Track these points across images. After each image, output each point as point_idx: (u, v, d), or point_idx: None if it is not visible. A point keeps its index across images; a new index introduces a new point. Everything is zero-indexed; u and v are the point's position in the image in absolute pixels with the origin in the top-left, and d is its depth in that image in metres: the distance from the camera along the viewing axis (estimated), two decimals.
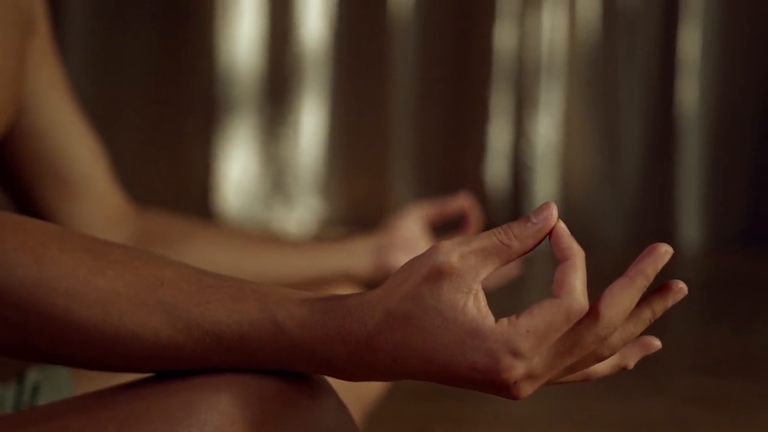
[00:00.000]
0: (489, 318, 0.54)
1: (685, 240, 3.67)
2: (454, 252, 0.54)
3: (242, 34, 3.66)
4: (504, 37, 3.66)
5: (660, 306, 0.57)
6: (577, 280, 0.53)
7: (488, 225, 1.11)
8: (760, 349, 2.18)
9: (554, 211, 0.55)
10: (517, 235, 0.55)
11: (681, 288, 0.57)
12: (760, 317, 2.57)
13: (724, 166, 3.70)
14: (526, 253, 0.55)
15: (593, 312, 0.54)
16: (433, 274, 0.54)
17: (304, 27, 3.66)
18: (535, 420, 1.60)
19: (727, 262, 3.49)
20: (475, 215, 1.11)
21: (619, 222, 3.71)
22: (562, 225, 0.55)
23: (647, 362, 0.69)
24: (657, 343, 0.61)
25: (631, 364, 0.61)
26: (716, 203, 3.70)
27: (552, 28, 3.66)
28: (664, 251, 0.55)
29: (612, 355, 0.57)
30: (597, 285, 0.57)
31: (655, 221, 3.71)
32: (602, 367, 0.60)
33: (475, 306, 0.54)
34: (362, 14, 3.70)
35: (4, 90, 0.80)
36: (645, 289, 0.55)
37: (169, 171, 3.68)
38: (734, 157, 3.70)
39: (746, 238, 3.70)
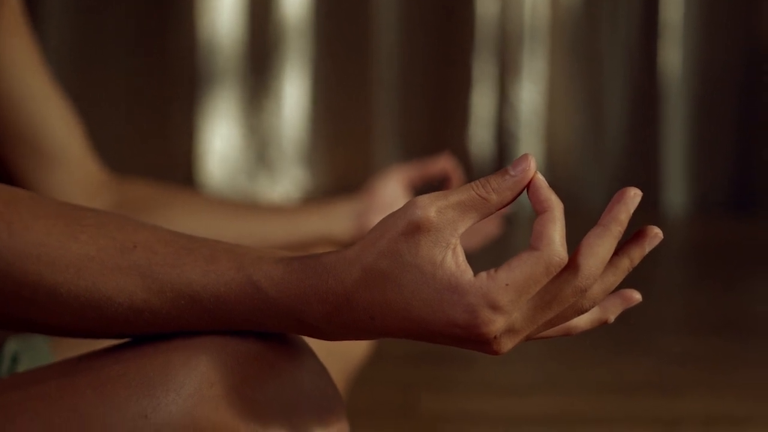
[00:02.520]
0: (468, 272, 0.53)
1: (670, 205, 3.68)
2: (431, 206, 0.53)
3: (224, 4, 3.63)
4: (486, 4, 3.65)
5: (637, 253, 0.56)
6: (555, 231, 0.53)
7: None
8: (743, 311, 2.19)
9: (532, 163, 0.54)
10: (495, 188, 0.54)
11: (656, 233, 0.56)
12: (743, 281, 2.58)
13: (707, 132, 3.70)
14: (505, 206, 0.54)
15: (572, 264, 0.54)
16: (410, 229, 0.53)
17: None
18: (522, 384, 1.61)
19: (712, 228, 3.50)
20: (457, 176, 1.10)
21: (603, 188, 3.71)
22: (540, 177, 0.54)
23: (633, 323, 0.69)
24: (637, 296, 0.60)
25: (612, 318, 0.60)
26: (700, 168, 3.71)
27: None
28: (633, 194, 0.54)
29: (592, 307, 0.56)
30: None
31: (639, 187, 3.70)
32: (583, 321, 0.59)
33: (454, 261, 0.53)
34: None
35: None
36: (620, 236, 0.55)
37: (152, 144, 3.67)
38: (718, 123, 3.70)
39: (730, 204, 3.71)
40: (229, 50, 3.64)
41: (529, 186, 0.54)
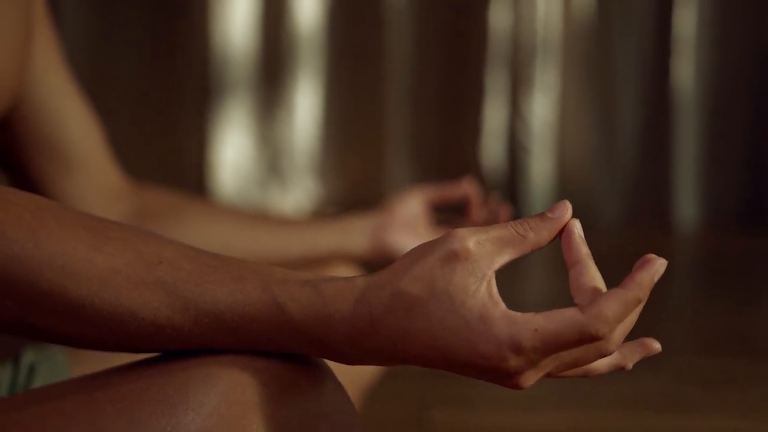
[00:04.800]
0: (500, 305, 0.53)
1: (682, 219, 3.67)
2: (471, 237, 0.54)
3: (237, 15, 3.64)
4: (499, 16, 3.65)
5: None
6: (610, 310, 0.52)
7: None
8: (756, 329, 2.18)
9: (569, 209, 0.56)
10: (533, 227, 0.55)
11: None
12: (756, 297, 2.57)
13: (720, 145, 3.70)
14: (540, 247, 0.55)
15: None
16: (447, 256, 0.53)
17: (299, 8, 3.65)
18: (534, 400, 1.60)
19: (724, 242, 3.49)
20: (477, 201, 1.10)
21: (615, 202, 3.70)
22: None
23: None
24: (657, 346, 0.61)
25: (630, 365, 0.61)
26: (712, 182, 3.70)
27: (547, 7, 3.65)
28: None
29: (615, 349, 0.56)
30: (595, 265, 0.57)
31: (651, 201, 3.71)
32: (601, 365, 0.59)
33: (487, 292, 0.53)
34: None
35: (11, 60, 0.78)
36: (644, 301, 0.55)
37: (164, 153, 3.67)
38: (730, 136, 3.70)
39: (743, 218, 3.70)
40: (241, 60, 3.65)
41: (563, 231, 0.56)
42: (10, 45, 0.77)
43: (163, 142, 3.68)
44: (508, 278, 2.56)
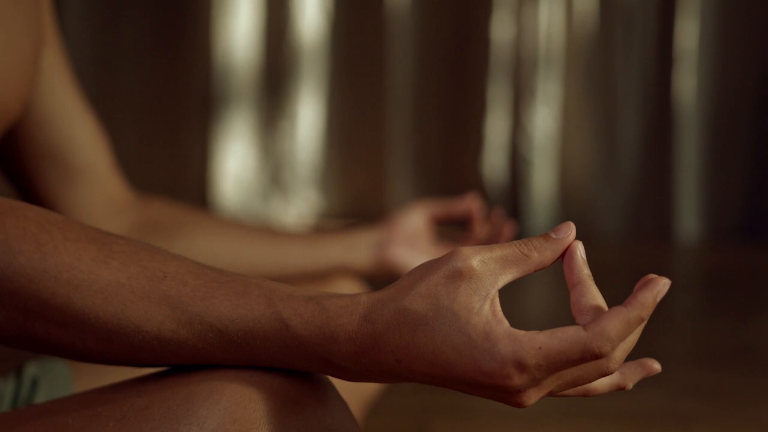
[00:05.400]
0: (504, 323, 0.53)
1: (684, 233, 3.67)
2: (475, 256, 0.54)
3: (239, 27, 3.65)
4: (501, 29, 3.66)
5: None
6: (613, 327, 0.53)
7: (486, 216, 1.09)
8: (757, 343, 2.18)
9: (573, 230, 0.56)
10: (537, 247, 0.56)
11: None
12: (757, 310, 2.57)
13: (722, 159, 3.70)
14: (544, 267, 0.56)
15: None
16: (452, 274, 0.54)
17: (301, 20, 3.66)
18: (534, 412, 1.60)
19: (725, 255, 3.49)
20: (480, 217, 1.09)
21: (617, 215, 3.71)
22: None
23: (646, 354, 0.69)
24: (657, 367, 0.61)
25: (630, 385, 0.61)
26: (714, 196, 3.70)
27: (549, 20, 3.66)
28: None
29: (616, 368, 0.56)
30: (595, 279, 0.58)
31: (653, 214, 3.71)
32: (601, 384, 0.60)
33: (491, 310, 0.54)
34: (359, 6, 3.69)
35: (23, 70, 0.78)
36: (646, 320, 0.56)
37: (166, 165, 3.68)
38: (732, 150, 3.70)
39: (744, 231, 3.70)
40: (244, 72, 3.66)
41: (565, 252, 0.56)
42: (22, 55, 0.78)
43: (166, 153, 3.68)
44: (510, 294, 2.56)
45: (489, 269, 0.54)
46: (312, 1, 3.66)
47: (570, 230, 0.56)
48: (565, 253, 0.56)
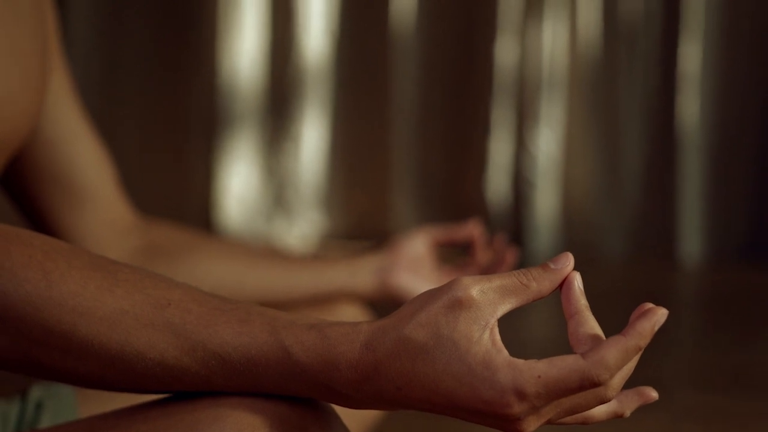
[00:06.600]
0: (503, 352, 0.54)
1: (686, 254, 3.68)
2: (475, 286, 0.55)
3: (244, 47, 3.67)
4: (505, 51, 3.67)
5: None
6: (612, 356, 0.54)
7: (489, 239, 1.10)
8: (760, 365, 2.18)
9: (571, 261, 0.57)
10: (535, 277, 0.57)
11: (663, 312, 0.57)
12: (760, 333, 2.57)
13: (724, 181, 3.70)
14: (542, 297, 0.57)
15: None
16: (451, 304, 0.55)
17: (305, 41, 3.67)
18: None
19: (728, 277, 3.49)
20: (482, 243, 1.10)
21: (619, 236, 3.71)
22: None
23: (647, 377, 0.69)
24: (654, 395, 0.63)
25: (628, 413, 0.62)
26: (717, 217, 3.71)
27: (553, 43, 3.67)
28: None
29: (614, 395, 0.57)
30: (598, 300, 0.58)
31: (655, 235, 3.71)
32: (599, 412, 0.60)
33: (490, 339, 0.54)
34: (364, 28, 3.71)
35: (29, 95, 0.78)
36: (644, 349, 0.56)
37: (170, 185, 3.68)
38: (735, 172, 3.71)
39: (747, 253, 3.70)
40: (248, 92, 3.67)
41: (563, 282, 0.57)
42: (30, 81, 0.78)
43: (170, 173, 3.69)
44: (510, 323, 2.56)
45: (488, 299, 0.55)
46: (317, 22, 3.68)
47: (568, 261, 0.57)
48: (563, 284, 0.57)
